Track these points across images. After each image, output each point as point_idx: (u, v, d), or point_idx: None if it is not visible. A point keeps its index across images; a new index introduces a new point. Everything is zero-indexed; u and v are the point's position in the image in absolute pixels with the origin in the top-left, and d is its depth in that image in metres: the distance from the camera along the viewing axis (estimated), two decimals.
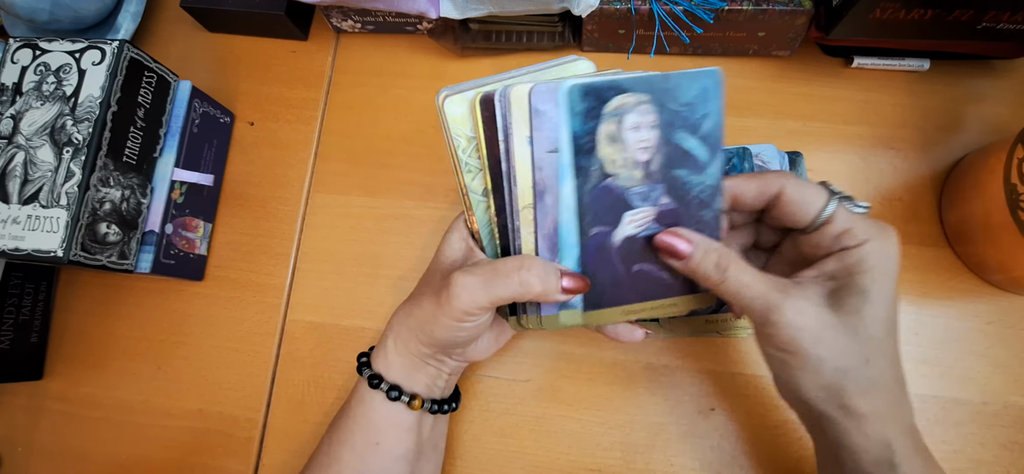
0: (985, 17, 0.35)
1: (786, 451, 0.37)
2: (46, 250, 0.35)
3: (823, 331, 0.26)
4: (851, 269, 0.26)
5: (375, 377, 0.32)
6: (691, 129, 0.28)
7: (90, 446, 0.43)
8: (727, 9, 0.38)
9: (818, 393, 0.27)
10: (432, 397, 0.33)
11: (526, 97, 0.27)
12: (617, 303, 0.31)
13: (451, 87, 0.29)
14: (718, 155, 0.28)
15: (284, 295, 0.44)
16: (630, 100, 0.27)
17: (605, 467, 0.38)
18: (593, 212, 0.29)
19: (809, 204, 0.28)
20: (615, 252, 0.30)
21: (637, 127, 0.28)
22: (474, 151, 0.29)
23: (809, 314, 0.26)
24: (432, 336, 0.31)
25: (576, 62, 0.30)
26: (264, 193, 0.46)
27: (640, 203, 0.29)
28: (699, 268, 0.28)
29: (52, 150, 0.36)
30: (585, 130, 0.27)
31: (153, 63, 0.40)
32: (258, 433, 0.42)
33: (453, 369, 0.34)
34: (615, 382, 0.40)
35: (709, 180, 0.29)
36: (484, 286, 0.28)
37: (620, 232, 0.29)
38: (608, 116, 0.27)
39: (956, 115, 0.42)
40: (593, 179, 0.28)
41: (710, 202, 0.29)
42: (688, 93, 0.27)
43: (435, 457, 0.36)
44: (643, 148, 0.28)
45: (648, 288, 0.31)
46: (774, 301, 0.26)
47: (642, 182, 0.29)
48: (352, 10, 0.45)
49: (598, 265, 0.30)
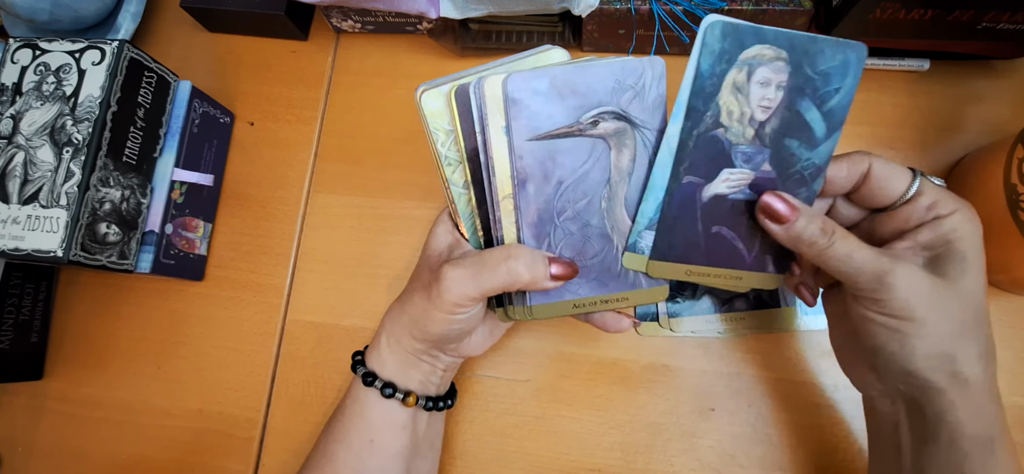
0: (985, 17, 0.35)
1: (786, 451, 0.37)
2: (46, 250, 0.35)
3: (936, 295, 0.25)
4: (947, 236, 0.26)
5: (369, 375, 0.32)
6: (818, 101, 0.27)
7: (90, 446, 0.43)
8: (727, 9, 0.38)
9: (929, 361, 0.26)
10: (427, 394, 0.33)
11: (500, 87, 0.27)
12: (685, 260, 0.30)
13: (428, 82, 0.29)
14: (834, 136, 0.27)
15: (284, 295, 0.44)
16: (768, 53, 0.26)
17: (605, 467, 0.38)
18: (692, 159, 0.28)
19: (897, 180, 0.27)
20: (700, 207, 0.29)
21: (766, 83, 0.26)
22: (453, 144, 0.30)
23: (922, 278, 0.25)
24: (426, 331, 0.31)
25: (549, 51, 0.30)
26: (264, 193, 0.46)
27: (742, 163, 0.28)
28: (804, 232, 0.27)
29: (52, 150, 0.36)
30: (713, 72, 0.26)
31: (153, 63, 0.40)
32: (258, 433, 0.42)
33: (448, 365, 0.34)
34: (615, 382, 0.40)
35: (817, 159, 0.28)
36: (473, 278, 0.28)
37: (712, 188, 0.28)
38: (741, 63, 0.26)
39: (956, 115, 0.42)
40: (704, 124, 0.27)
41: (810, 182, 0.28)
42: (829, 61, 0.26)
43: (431, 455, 0.36)
44: (764, 107, 0.27)
45: (719, 254, 0.30)
46: (886, 266, 0.25)
47: (751, 142, 0.27)
48: (352, 10, 0.45)
49: (679, 215, 0.29)
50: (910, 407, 0.28)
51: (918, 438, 0.28)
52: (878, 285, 0.26)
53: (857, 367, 0.31)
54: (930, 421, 0.27)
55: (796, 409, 0.38)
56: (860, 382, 0.31)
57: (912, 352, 0.26)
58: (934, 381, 0.26)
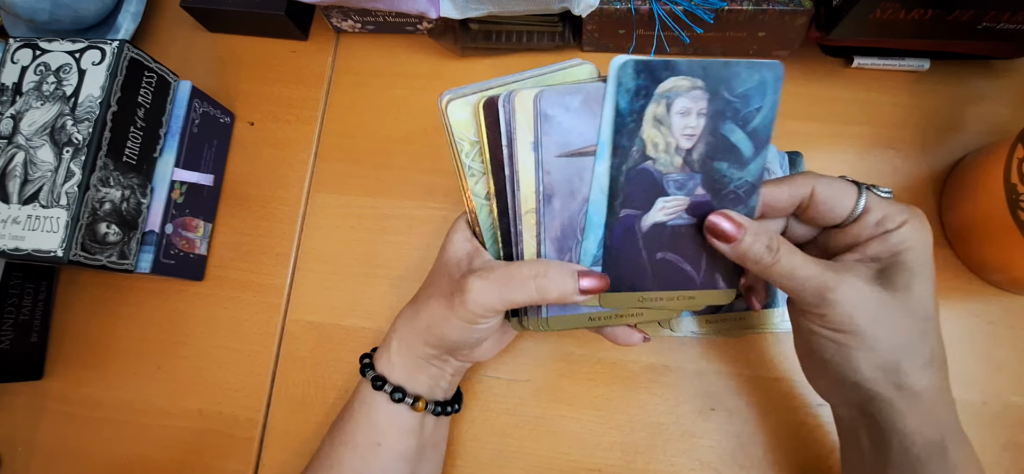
0: (985, 17, 0.35)
1: (786, 451, 0.37)
2: (46, 250, 0.35)
3: (880, 309, 0.26)
4: (894, 249, 0.27)
5: (378, 379, 0.32)
6: (741, 122, 0.27)
7: (90, 446, 0.43)
8: (727, 9, 0.38)
9: (875, 373, 0.26)
10: (435, 399, 0.33)
11: (531, 102, 0.27)
12: (635, 288, 0.30)
13: (454, 90, 0.29)
14: (762, 153, 0.28)
15: (284, 295, 0.44)
16: (684, 83, 0.26)
17: (605, 467, 0.38)
18: (626, 193, 0.28)
19: (842, 200, 0.28)
20: (642, 237, 0.29)
21: (686, 112, 0.27)
22: (477, 155, 0.29)
23: (865, 292, 0.26)
24: (443, 338, 0.31)
25: (579, 66, 0.30)
26: (264, 193, 0.46)
27: (675, 191, 0.28)
28: (750, 250, 0.27)
29: (52, 150, 0.36)
30: (632, 108, 0.27)
31: (153, 63, 0.40)
32: (258, 433, 0.42)
33: (456, 370, 0.34)
34: (615, 382, 0.40)
35: (748, 177, 0.28)
36: (499, 290, 0.28)
37: (650, 217, 0.29)
38: (658, 96, 0.26)
39: (956, 115, 0.42)
40: (632, 160, 0.28)
41: (746, 199, 0.29)
42: (745, 84, 0.27)
43: (436, 457, 0.36)
44: (688, 135, 0.27)
45: (669, 277, 0.30)
46: (829, 281, 0.26)
47: (680, 170, 0.28)
48: (352, 10, 0.45)
49: (622, 247, 0.29)
50: (864, 415, 0.28)
51: (875, 444, 0.28)
52: (820, 300, 0.26)
53: (816, 377, 0.31)
54: (883, 429, 0.27)
55: (796, 409, 0.38)
56: (820, 391, 0.32)
57: (857, 365, 0.26)
58: (880, 392, 0.27)
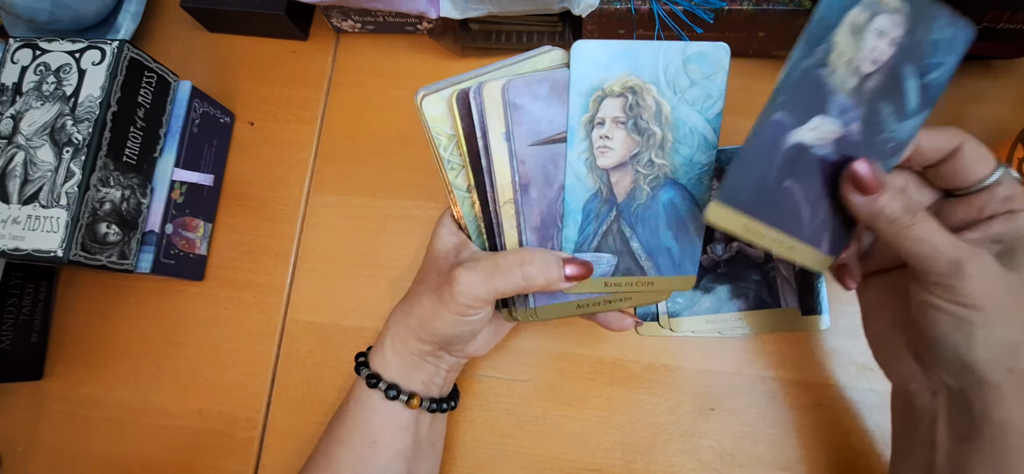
0: (985, 17, 0.35)
1: (786, 451, 0.37)
2: (46, 250, 0.35)
3: (1008, 289, 0.25)
4: (1021, 231, 0.26)
5: (373, 376, 0.32)
6: (921, 71, 0.26)
7: (90, 446, 0.43)
8: (727, 9, 0.38)
9: (990, 354, 0.25)
10: (430, 396, 0.33)
11: (499, 93, 0.27)
12: (749, 212, 0.27)
13: (428, 86, 0.29)
14: (924, 113, 0.27)
15: (284, 295, 0.44)
16: (892, 1, 0.25)
17: (605, 467, 0.38)
18: (789, 94, 0.25)
19: (983, 164, 0.27)
20: (781, 153, 0.26)
21: (882, 34, 0.25)
22: (455, 148, 0.30)
23: (996, 270, 0.25)
24: (435, 332, 0.31)
25: (548, 52, 0.30)
26: (264, 193, 0.46)
27: (836, 115, 0.26)
28: (887, 207, 0.25)
29: (52, 150, 0.36)
30: (838, 4, 0.25)
31: (153, 63, 0.40)
32: (258, 433, 0.42)
33: (451, 366, 0.34)
34: (615, 382, 0.40)
35: (901, 134, 0.27)
36: (486, 280, 0.28)
37: (799, 134, 0.26)
38: (866, 4, 0.25)
39: (956, 115, 0.42)
40: (814, 59, 0.25)
41: (888, 158, 0.27)
42: (941, 32, 0.26)
43: (433, 455, 0.36)
44: (874, 59, 0.26)
45: (782, 213, 0.27)
46: (965, 252, 0.25)
47: (850, 94, 0.26)
48: (352, 10, 0.45)
49: (756, 157, 0.26)
50: (954, 402, 0.27)
51: (958, 434, 0.27)
52: (954, 271, 0.25)
53: (900, 358, 0.30)
54: (976, 416, 0.26)
55: (796, 409, 0.38)
56: (900, 375, 0.30)
57: (976, 343, 0.25)
58: (990, 375, 0.25)
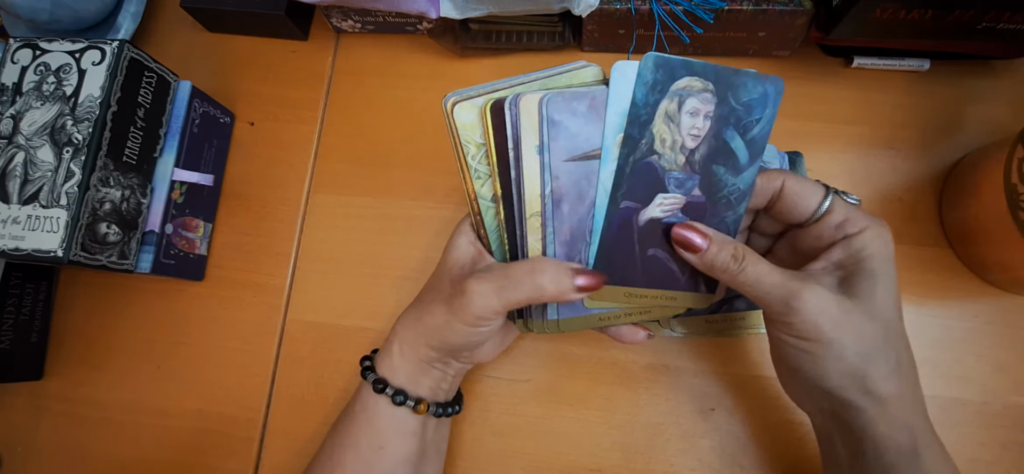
0: (985, 17, 0.35)
1: (786, 451, 0.37)
2: (46, 250, 0.35)
3: (843, 316, 0.26)
4: (857, 255, 0.27)
5: (380, 381, 0.32)
6: (742, 130, 0.29)
7: (90, 446, 0.43)
8: (727, 9, 0.38)
9: (842, 380, 0.26)
10: (436, 401, 0.33)
11: (536, 106, 0.27)
12: (624, 282, 0.31)
13: (458, 92, 0.29)
14: (756, 163, 0.29)
15: (284, 295, 0.44)
16: (696, 84, 0.28)
17: (605, 467, 0.38)
18: (630, 185, 0.29)
19: (809, 197, 0.28)
20: (637, 231, 0.30)
21: (695, 113, 0.28)
22: (483, 158, 0.29)
23: (828, 300, 0.26)
24: (445, 341, 0.31)
25: (585, 68, 0.30)
26: (264, 193, 0.46)
27: (674, 188, 0.29)
28: (716, 260, 0.28)
29: (52, 150, 0.36)
30: (647, 101, 0.28)
31: (153, 63, 0.40)
32: (258, 433, 0.42)
33: (457, 371, 0.34)
34: (615, 382, 0.40)
35: (742, 184, 0.29)
36: (498, 291, 0.28)
37: (648, 212, 0.30)
38: (672, 93, 0.28)
39: (956, 115, 0.42)
40: (640, 152, 0.29)
41: (736, 206, 0.30)
42: (750, 93, 0.28)
43: (438, 459, 0.36)
44: (694, 135, 0.29)
45: (656, 275, 0.31)
46: (794, 289, 0.26)
47: (682, 168, 0.29)
48: (352, 10, 0.45)
49: (618, 239, 0.30)
50: (837, 422, 0.29)
51: (850, 450, 0.28)
52: (785, 308, 0.26)
53: (789, 385, 0.31)
54: (856, 435, 0.27)
55: (797, 409, 0.38)
56: (795, 400, 0.32)
57: (825, 372, 0.27)
58: (850, 399, 0.27)
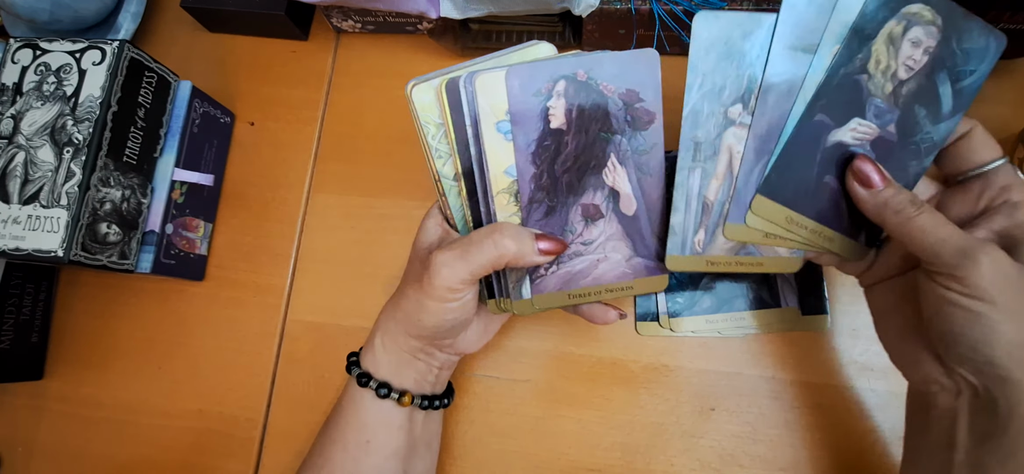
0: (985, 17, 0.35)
1: (786, 451, 0.37)
2: (46, 250, 0.35)
3: (1020, 279, 0.24)
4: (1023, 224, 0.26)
5: (363, 375, 0.32)
6: (954, 77, 0.28)
7: (90, 446, 0.43)
8: (727, 9, 0.38)
9: (1011, 349, 0.24)
10: (422, 393, 0.33)
11: (492, 83, 0.28)
12: (791, 205, 0.30)
13: (419, 77, 0.30)
14: (957, 116, 0.28)
15: (284, 295, 0.44)
16: (926, 14, 0.27)
17: (605, 467, 0.38)
18: (829, 98, 0.28)
19: (986, 150, 0.27)
20: (821, 150, 0.29)
21: (917, 42, 0.28)
22: (443, 137, 0.30)
23: (1007, 263, 0.24)
24: (420, 324, 0.30)
25: (537, 45, 0.31)
26: (264, 193, 0.46)
27: (873, 118, 0.29)
28: (892, 200, 0.27)
29: (52, 150, 0.36)
30: (875, 16, 0.27)
31: (153, 63, 0.40)
32: (258, 433, 0.42)
33: (443, 363, 0.34)
34: (615, 382, 0.40)
35: (936, 135, 0.29)
36: (462, 258, 0.28)
37: (838, 134, 0.29)
38: (901, 16, 0.27)
39: None
40: (853, 66, 0.28)
41: (924, 157, 0.29)
42: (973, 41, 0.28)
43: (428, 455, 0.35)
44: (909, 66, 0.28)
45: (822, 206, 0.30)
46: (973, 244, 0.25)
47: (886, 99, 0.28)
48: (352, 10, 0.45)
49: (800, 154, 0.29)
50: (978, 401, 0.26)
51: (980, 432, 0.26)
52: (962, 259, 0.24)
53: (918, 361, 0.29)
54: (1002, 414, 0.25)
55: (797, 409, 0.38)
56: (921, 377, 0.29)
57: (995, 339, 0.24)
58: (1013, 371, 0.25)
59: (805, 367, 0.38)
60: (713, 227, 0.31)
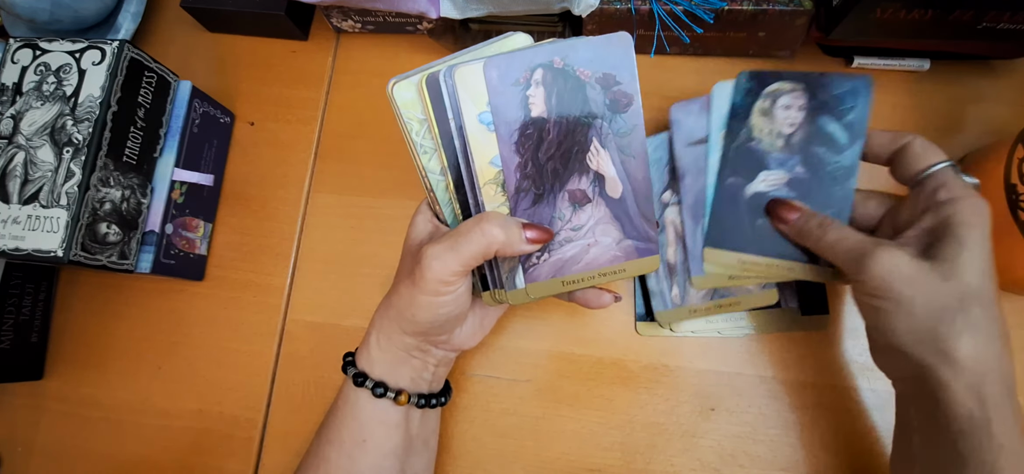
0: (985, 17, 0.35)
1: (786, 451, 0.37)
2: (46, 250, 0.35)
3: (916, 274, 0.26)
4: (945, 221, 0.27)
5: (359, 375, 0.32)
6: (837, 116, 0.32)
7: (90, 446, 0.43)
8: (727, 9, 0.38)
9: (914, 337, 0.27)
10: (418, 391, 0.33)
11: (471, 76, 0.28)
12: (736, 249, 0.34)
13: (400, 75, 0.30)
14: (857, 143, 0.32)
15: (284, 295, 0.44)
16: (786, 86, 0.33)
17: (605, 467, 0.38)
18: (733, 166, 0.34)
19: (927, 157, 0.29)
20: (744, 202, 0.34)
21: (788, 106, 0.33)
22: (427, 132, 0.30)
23: (901, 259, 0.27)
24: (414, 319, 0.30)
25: (514, 36, 0.31)
26: (264, 193, 0.46)
27: (776, 167, 0.33)
28: (805, 226, 0.31)
29: (52, 150, 0.36)
30: (744, 104, 0.34)
31: (153, 63, 0.40)
32: (258, 433, 0.42)
33: (439, 360, 0.34)
34: (615, 382, 0.40)
35: (846, 161, 0.32)
36: (452, 249, 0.28)
37: (753, 187, 0.34)
38: (764, 95, 0.33)
39: (956, 115, 0.42)
40: (740, 140, 0.34)
41: (844, 180, 0.32)
42: (840, 88, 0.32)
43: (426, 453, 0.35)
44: (789, 124, 0.33)
45: (768, 244, 0.34)
46: (867, 248, 0.28)
47: (781, 150, 0.33)
48: (352, 10, 0.45)
49: (726, 210, 0.34)
50: (915, 385, 0.28)
51: (924, 417, 0.28)
52: (857, 267, 0.28)
53: (875, 350, 0.31)
54: (929, 399, 0.27)
55: (797, 409, 0.38)
56: (880, 366, 0.32)
57: (894, 328, 0.27)
58: (923, 358, 0.27)
59: (805, 367, 0.38)
60: (683, 282, 0.37)
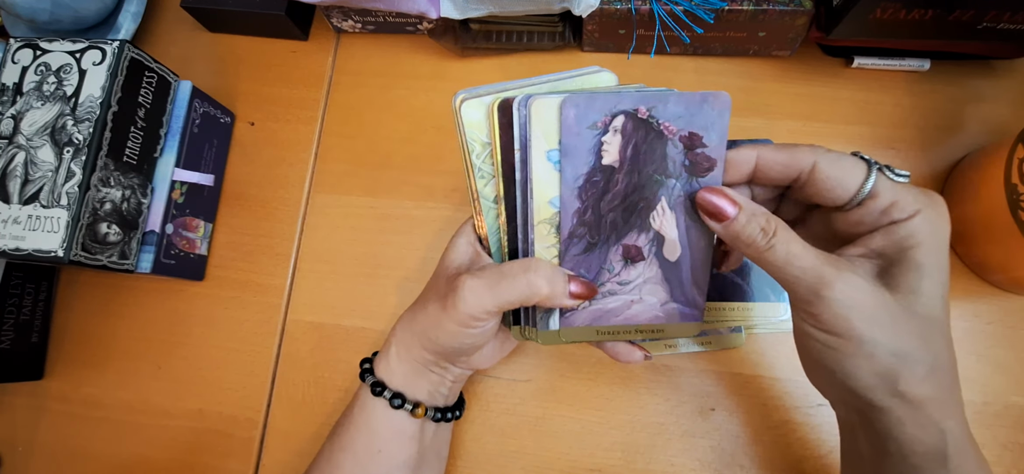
0: (985, 17, 0.35)
1: (786, 451, 0.37)
2: (47, 250, 0.35)
3: (878, 310, 0.23)
4: (902, 244, 0.24)
5: (378, 384, 0.32)
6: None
7: (90, 446, 0.43)
8: (727, 9, 0.38)
9: (871, 380, 0.24)
10: (435, 405, 0.33)
11: (547, 110, 0.26)
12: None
13: (469, 90, 0.28)
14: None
15: (284, 295, 0.44)
16: None
17: (605, 467, 0.38)
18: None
19: (848, 179, 0.25)
20: None
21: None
22: (488, 157, 0.29)
23: (863, 292, 0.23)
24: (437, 342, 0.30)
25: (598, 73, 0.29)
26: (264, 193, 0.46)
27: None
28: (743, 232, 0.25)
29: (53, 150, 0.36)
30: None
31: (154, 63, 0.40)
32: (258, 433, 0.42)
33: (457, 377, 0.34)
34: (615, 382, 0.40)
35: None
36: (491, 289, 0.27)
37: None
38: None
39: (956, 115, 0.42)
40: None
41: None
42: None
43: (437, 464, 0.35)
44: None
45: None
46: (826, 276, 0.23)
47: None
48: (352, 10, 0.45)
49: None
50: (861, 418, 0.26)
51: (873, 447, 0.26)
52: (814, 297, 0.24)
53: (812, 374, 0.28)
54: (880, 435, 0.25)
55: (797, 409, 0.38)
56: (818, 388, 0.29)
57: (852, 371, 0.24)
58: (876, 400, 0.24)
59: None
60: None
